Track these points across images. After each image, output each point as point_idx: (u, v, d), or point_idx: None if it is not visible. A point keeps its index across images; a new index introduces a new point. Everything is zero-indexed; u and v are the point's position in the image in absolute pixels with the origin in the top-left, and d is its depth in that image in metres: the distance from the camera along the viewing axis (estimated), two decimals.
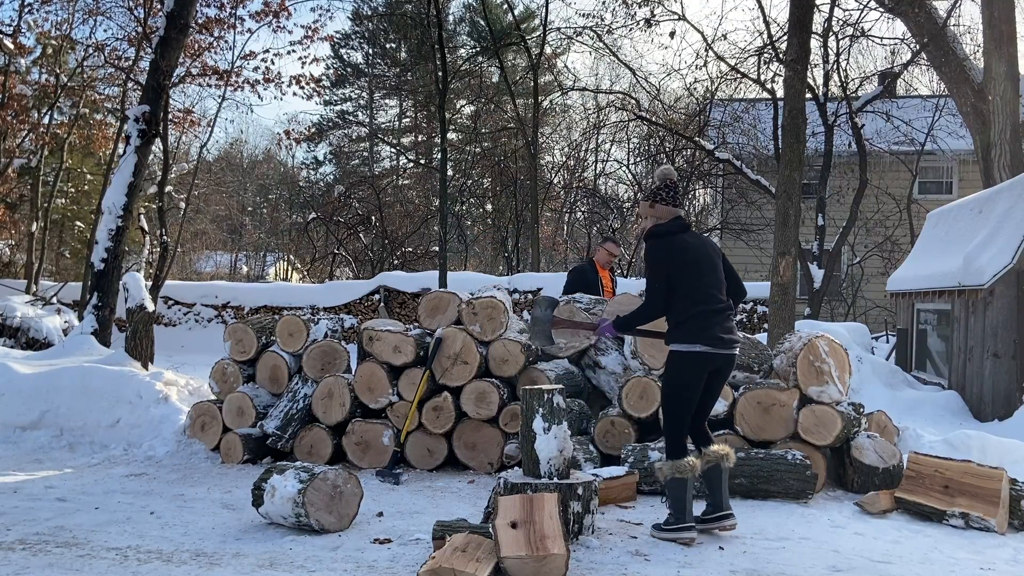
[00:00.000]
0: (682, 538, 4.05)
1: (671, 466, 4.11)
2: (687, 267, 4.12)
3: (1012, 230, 7.69)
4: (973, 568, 3.81)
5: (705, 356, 4.07)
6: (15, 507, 4.62)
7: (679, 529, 4.08)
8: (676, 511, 4.11)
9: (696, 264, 4.14)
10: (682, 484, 4.10)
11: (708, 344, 4.06)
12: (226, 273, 30.99)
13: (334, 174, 32.39)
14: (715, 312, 4.12)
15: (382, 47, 31.36)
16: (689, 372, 4.11)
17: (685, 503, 4.09)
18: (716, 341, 4.08)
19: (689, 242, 4.19)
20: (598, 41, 18.53)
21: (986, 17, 11.58)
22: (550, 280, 15.51)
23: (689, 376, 4.11)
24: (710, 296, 4.13)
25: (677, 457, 4.12)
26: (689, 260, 4.13)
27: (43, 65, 18.66)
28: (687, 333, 4.08)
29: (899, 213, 18.05)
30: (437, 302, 6.19)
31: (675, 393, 4.15)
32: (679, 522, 4.09)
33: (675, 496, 4.12)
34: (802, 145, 9.27)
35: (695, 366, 4.09)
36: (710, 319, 4.09)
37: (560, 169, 24.89)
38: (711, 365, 4.13)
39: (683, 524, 4.08)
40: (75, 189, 22.27)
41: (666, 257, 4.13)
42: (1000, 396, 7.50)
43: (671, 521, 4.12)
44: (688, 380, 4.12)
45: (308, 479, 4.15)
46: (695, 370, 4.11)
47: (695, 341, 4.06)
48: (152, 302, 8.57)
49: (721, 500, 4.21)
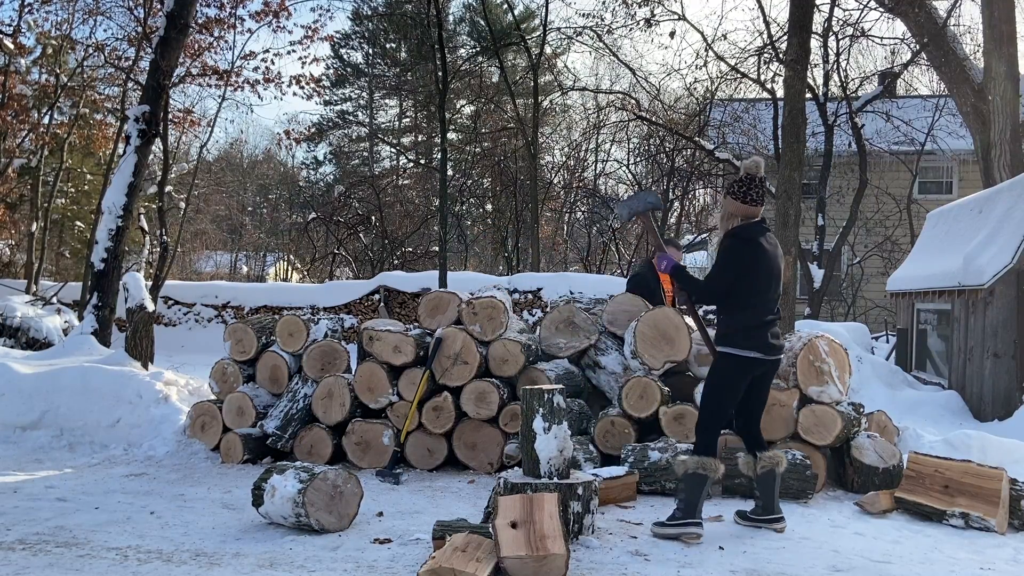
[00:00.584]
0: (687, 533, 4.05)
1: (697, 461, 4.11)
2: (759, 278, 4.16)
3: (1012, 230, 7.69)
4: (973, 568, 3.81)
5: (754, 362, 4.15)
6: (15, 507, 4.62)
7: (685, 524, 4.07)
8: (687, 506, 4.10)
9: (768, 275, 4.19)
10: (702, 481, 4.11)
11: (761, 351, 4.14)
12: (226, 273, 30.99)
13: (334, 174, 32.40)
14: (771, 322, 4.21)
15: (382, 47, 31.33)
16: (737, 375, 4.18)
17: (699, 500, 4.10)
18: (768, 348, 4.17)
19: (767, 251, 4.20)
20: (598, 41, 18.56)
21: (986, 17, 11.58)
22: (550, 280, 15.50)
23: (735, 379, 4.19)
24: (771, 307, 4.21)
25: (706, 454, 4.14)
26: (762, 271, 4.17)
27: (43, 65, 18.66)
28: (744, 340, 4.13)
29: (899, 213, 18.06)
30: (437, 302, 6.19)
31: (718, 393, 4.21)
32: (686, 516, 4.08)
33: (691, 491, 4.11)
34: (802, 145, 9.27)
35: (743, 370, 4.17)
36: (766, 328, 4.17)
37: (560, 169, 24.89)
38: (757, 370, 4.20)
39: (691, 519, 4.07)
40: (75, 189, 22.26)
41: (742, 260, 4.14)
42: (1000, 396, 7.50)
43: (677, 516, 4.11)
44: (734, 382, 4.19)
45: (308, 479, 4.15)
46: (742, 374, 4.18)
47: (751, 348, 4.13)
48: (152, 302, 8.57)
49: (773, 504, 4.27)
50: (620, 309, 6.24)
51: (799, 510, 4.75)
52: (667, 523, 4.13)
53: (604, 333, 6.25)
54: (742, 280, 4.13)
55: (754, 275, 4.15)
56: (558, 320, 6.28)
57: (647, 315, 5.76)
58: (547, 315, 6.39)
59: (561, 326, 6.26)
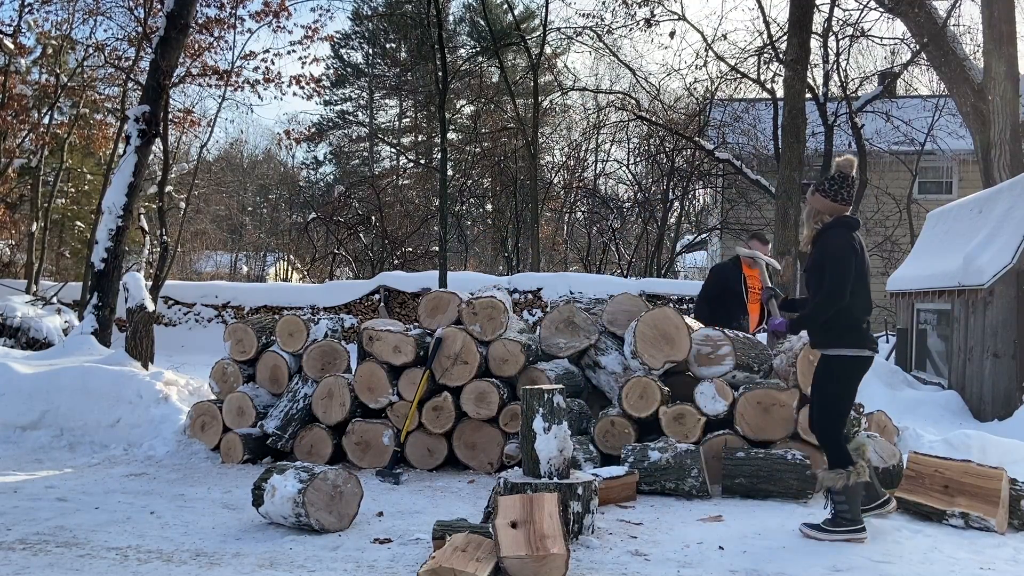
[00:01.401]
0: (857, 538, 4.06)
1: (853, 473, 4.07)
2: (864, 273, 4.14)
3: (1012, 230, 7.68)
4: (973, 568, 3.81)
5: (868, 361, 4.14)
6: (15, 507, 4.62)
7: (857, 530, 4.07)
8: (854, 514, 4.09)
9: (865, 268, 4.16)
10: (862, 488, 4.12)
11: (873, 350, 4.14)
12: (226, 273, 30.99)
13: (334, 174, 32.42)
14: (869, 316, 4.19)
15: (382, 47, 31.35)
16: (855, 378, 4.15)
17: (858, 506, 4.11)
18: (875, 345, 4.16)
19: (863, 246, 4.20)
20: (598, 41, 18.56)
21: (986, 17, 11.58)
22: (550, 280, 15.50)
23: (854, 382, 4.15)
24: (869, 304, 4.19)
25: (844, 464, 4.11)
26: (865, 265, 4.15)
27: (43, 65, 18.65)
28: (858, 339, 4.10)
29: (899, 213, 18.04)
30: (437, 302, 6.19)
31: (839, 400, 4.16)
32: (855, 524, 4.08)
33: (856, 500, 4.09)
34: (802, 145, 9.28)
35: (860, 371, 4.15)
36: (865, 319, 4.15)
37: (560, 169, 24.89)
38: (866, 370, 4.18)
39: (860, 526, 4.08)
40: (75, 189, 22.26)
41: (852, 253, 4.07)
42: (1000, 396, 7.49)
43: (844, 524, 4.08)
44: (853, 386, 4.16)
45: (308, 479, 4.15)
46: (859, 376, 4.15)
47: (865, 347, 4.11)
48: (152, 302, 8.57)
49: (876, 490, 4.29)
50: (620, 309, 6.24)
51: (799, 510, 4.74)
52: (833, 529, 4.09)
53: (604, 333, 6.25)
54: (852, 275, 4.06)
55: (860, 265, 4.09)
56: (558, 320, 6.28)
57: (647, 315, 5.76)
58: (547, 315, 6.39)
59: (561, 326, 6.26)
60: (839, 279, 4.02)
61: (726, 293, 6.89)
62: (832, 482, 4.12)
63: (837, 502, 4.13)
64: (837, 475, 4.11)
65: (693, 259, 30.17)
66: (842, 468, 4.11)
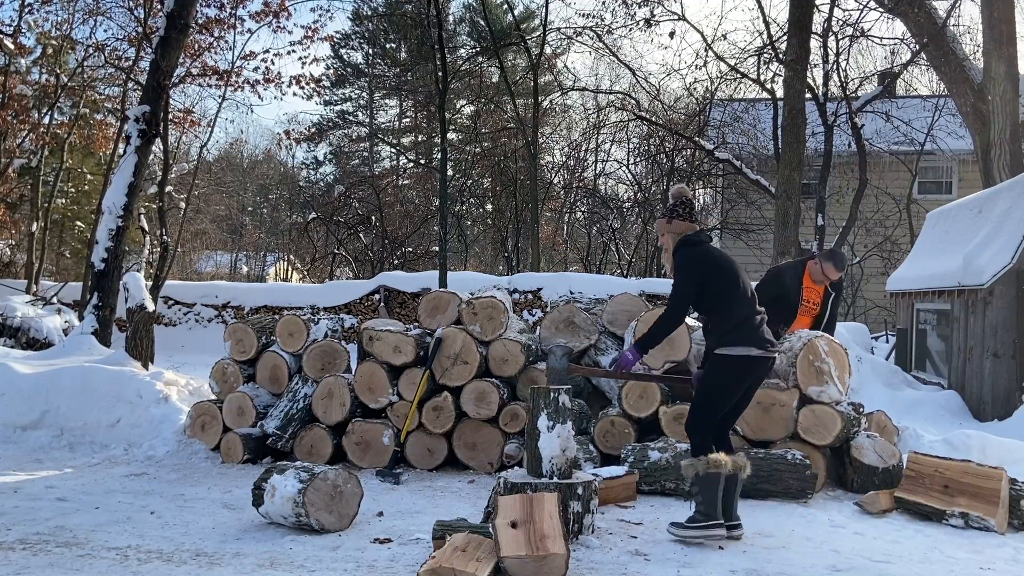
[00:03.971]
0: (713, 535, 4.00)
1: (705, 462, 4.04)
2: (724, 274, 4.18)
3: (1012, 230, 7.69)
4: (973, 568, 3.81)
5: (754, 360, 4.09)
6: (15, 507, 4.62)
7: (710, 526, 4.01)
8: (708, 507, 4.03)
9: (732, 271, 4.21)
10: (717, 479, 4.03)
11: (759, 348, 4.09)
12: (226, 273, 30.97)
13: (334, 174, 32.38)
14: (759, 315, 4.19)
15: (382, 47, 31.33)
16: (735, 377, 4.12)
17: (717, 500, 4.03)
18: (765, 344, 4.12)
19: (721, 252, 4.30)
20: (598, 41, 18.55)
21: (986, 17, 11.58)
22: (550, 280, 15.49)
23: (733, 380, 4.13)
24: (752, 304, 4.19)
25: (706, 453, 4.09)
26: (724, 267, 4.20)
27: (43, 65, 18.65)
28: (741, 337, 4.09)
29: (899, 213, 18.05)
30: (437, 302, 6.19)
31: (713, 397, 4.16)
32: (709, 519, 4.02)
33: (709, 492, 4.04)
34: (802, 145, 9.29)
35: (742, 371, 4.11)
36: (756, 323, 4.15)
37: (560, 169, 24.89)
38: (756, 370, 4.14)
39: (714, 521, 4.02)
40: (75, 189, 22.26)
41: (701, 263, 4.18)
42: (1000, 396, 7.50)
43: (699, 519, 4.03)
44: (731, 384, 4.13)
45: (308, 479, 4.16)
46: (740, 375, 4.12)
47: (748, 344, 4.08)
48: (152, 302, 8.57)
49: (732, 510, 4.15)
50: (620, 309, 6.25)
51: (799, 510, 4.75)
52: (688, 525, 4.04)
53: (604, 333, 6.25)
54: (710, 282, 4.14)
55: (718, 273, 4.17)
56: (558, 320, 6.29)
57: (647, 315, 5.77)
58: (547, 315, 6.39)
59: (561, 326, 6.26)
60: (675, 300, 4.19)
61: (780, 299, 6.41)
62: (686, 471, 4.13)
63: (693, 494, 4.13)
64: (691, 464, 4.10)
65: None
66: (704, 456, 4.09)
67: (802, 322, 6.44)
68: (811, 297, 6.37)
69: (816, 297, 6.37)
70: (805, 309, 6.37)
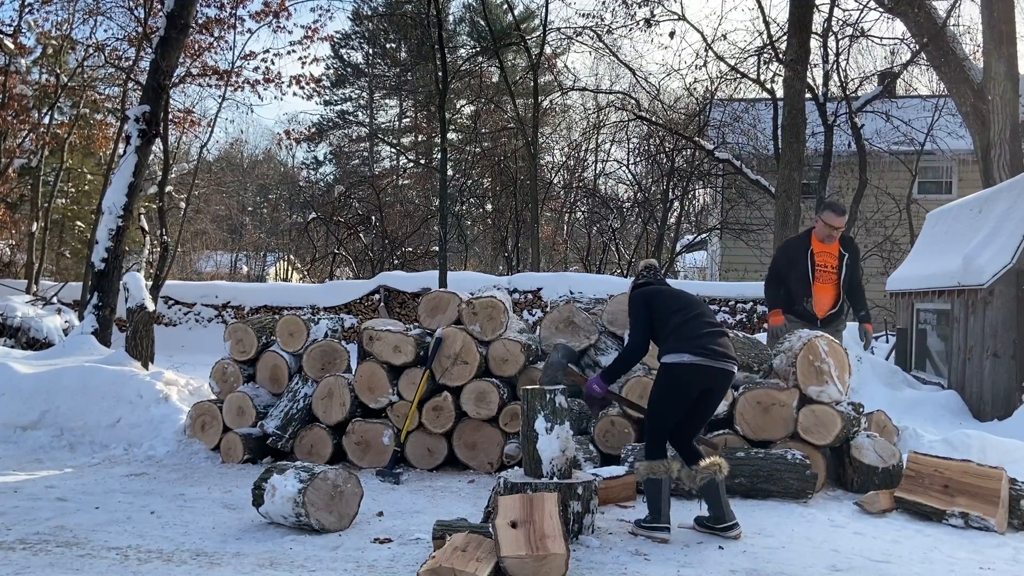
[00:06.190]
0: (656, 537, 4.08)
1: (647, 467, 4.13)
2: (667, 300, 4.31)
3: (1012, 230, 7.68)
4: (973, 568, 3.81)
5: (695, 368, 4.03)
6: (15, 507, 4.62)
7: (654, 528, 4.11)
8: (652, 510, 4.15)
9: (677, 301, 4.31)
10: (656, 485, 4.11)
11: (699, 355, 4.02)
12: (226, 273, 30.99)
13: (334, 174, 32.40)
14: (707, 324, 4.18)
15: (382, 47, 31.36)
16: (680, 384, 4.10)
17: (660, 503, 4.12)
18: (709, 352, 4.04)
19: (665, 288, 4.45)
20: (598, 41, 18.54)
21: (986, 17, 11.57)
22: (550, 280, 15.50)
23: (679, 388, 4.11)
24: (698, 313, 4.23)
25: (653, 458, 4.14)
26: (667, 300, 4.32)
27: (43, 65, 18.66)
28: (674, 345, 4.10)
29: (899, 213, 18.04)
30: (437, 302, 6.19)
31: (658, 405, 4.18)
32: (654, 521, 4.13)
33: (650, 496, 4.15)
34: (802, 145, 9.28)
35: (684, 379, 4.08)
36: (700, 330, 4.13)
37: (560, 169, 24.89)
38: (703, 381, 4.09)
39: (657, 524, 4.11)
40: (75, 189, 22.27)
41: (647, 300, 4.33)
42: (1000, 396, 7.49)
43: (647, 520, 4.16)
44: (672, 393, 4.12)
45: (308, 479, 4.16)
46: (683, 384, 4.10)
47: (684, 351, 4.05)
48: (152, 302, 8.57)
49: (723, 512, 4.14)
50: (620, 309, 6.24)
51: (799, 510, 4.75)
52: (642, 524, 4.17)
53: (604, 333, 6.25)
54: (659, 318, 4.24)
55: (663, 306, 4.27)
56: (558, 320, 6.29)
57: None
58: (547, 315, 6.40)
59: (561, 326, 6.26)
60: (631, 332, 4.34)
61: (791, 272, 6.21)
62: (637, 474, 4.22)
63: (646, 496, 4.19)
64: (639, 467, 4.18)
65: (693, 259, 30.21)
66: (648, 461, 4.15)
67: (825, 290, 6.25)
68: (826, 262, 6.15)
69: (832, 261, 6.15)
70: (824, 276, 6.16)
